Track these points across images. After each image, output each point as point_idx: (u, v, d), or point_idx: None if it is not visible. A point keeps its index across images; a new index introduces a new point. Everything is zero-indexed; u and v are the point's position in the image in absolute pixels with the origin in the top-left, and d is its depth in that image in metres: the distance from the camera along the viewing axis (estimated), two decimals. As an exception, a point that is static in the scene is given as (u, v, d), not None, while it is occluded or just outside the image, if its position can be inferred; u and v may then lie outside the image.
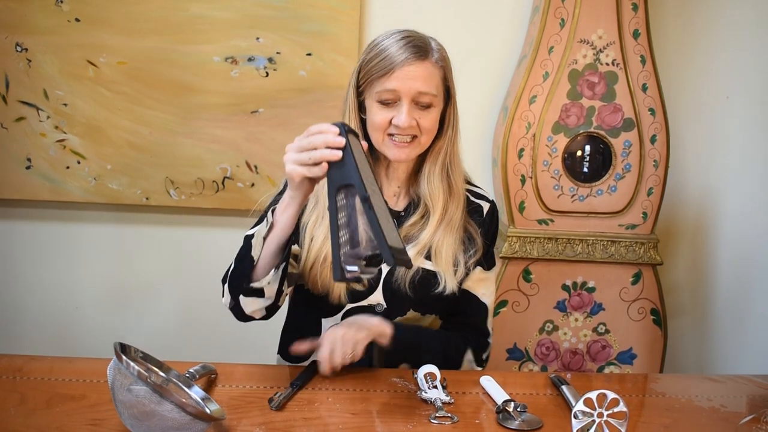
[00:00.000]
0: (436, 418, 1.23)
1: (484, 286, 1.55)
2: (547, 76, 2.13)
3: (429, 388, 1.31)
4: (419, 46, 1.41)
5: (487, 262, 1.55)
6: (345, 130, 1.18)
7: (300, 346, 1.40)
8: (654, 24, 2.18)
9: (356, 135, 1.23)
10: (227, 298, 1.40)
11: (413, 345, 1.45)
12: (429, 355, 1.44)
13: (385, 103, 1.41)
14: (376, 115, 1.42)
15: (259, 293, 1.35)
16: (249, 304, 1.38)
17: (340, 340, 1.35)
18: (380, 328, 1.41)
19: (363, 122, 1.47)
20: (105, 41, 2.23)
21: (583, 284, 2.19)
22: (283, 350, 1.60)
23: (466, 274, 1.50)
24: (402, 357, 1.46)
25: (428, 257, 1.46)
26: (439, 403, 1.26)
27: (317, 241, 1.45)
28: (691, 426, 1.27)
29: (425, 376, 1.34)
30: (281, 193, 1.51)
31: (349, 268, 1.15)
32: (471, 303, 1.53)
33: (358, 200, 1.14)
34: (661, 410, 1.33)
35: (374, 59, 1.42)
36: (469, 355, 1.53)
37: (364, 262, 1.16)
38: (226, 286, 1.40)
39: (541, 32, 2.13)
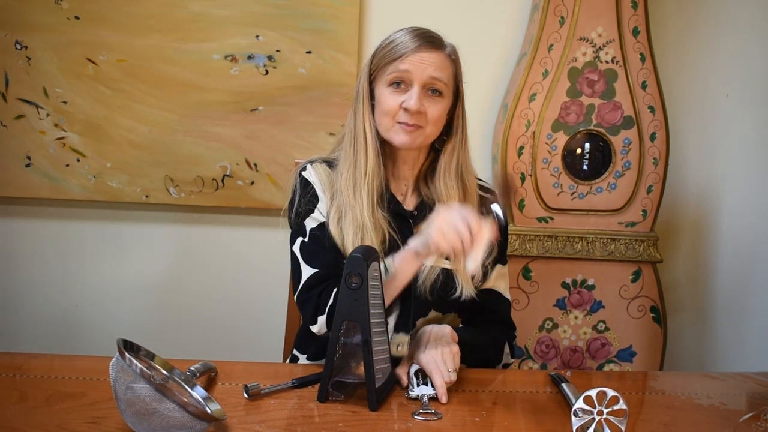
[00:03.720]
0: (419, 414, 1.23)
1: (504, 281, 1.57)
2: (547, 73, 2.13)
3: (419, 385, 1.31)
4: (434, 37, 1.46)
5: (503, 257, 1.57)
6: (365, 258, 1.23)
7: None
8: (654, 22, 2.18)
9: (377, 258, 1.28)
10: (322, 329, 1.42)
11: (473, 344, 1.46)
12: (487, 353, 1.49)
13: (396, 87, 1.43)
14: (387, 99, 1.44)
15: None
16: None
17: (441, 359, 1.34)
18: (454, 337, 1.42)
19: (373, 108, 1.48)
20: (105, 39, 2.22)
21: (583, 282, 2.19)
22: (301, 345, 1.60)
23: (484, 275, 1.51)
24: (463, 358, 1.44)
25: (447, 257, 1.47)
26: (425, 400, 1.27)
27: (348, 239, 1.45)
28: (690, 423, 1.28)
29: (416, 373, 1.34)
30: (303, 198, 1.50)
31: (333, 396, 1.28)
32: (498, 300, 1.56)
33: (359, 337, 1.24)
34: (661, 408, 1.33)
35: (387, 47, 1.45)
36: (506, 349, 1.56)
37: (349, 390, 1.29)
38: (323, 318, 1.41)
39: (541, 30, 2.12)
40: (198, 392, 1.20)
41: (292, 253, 1.50)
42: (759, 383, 1.47)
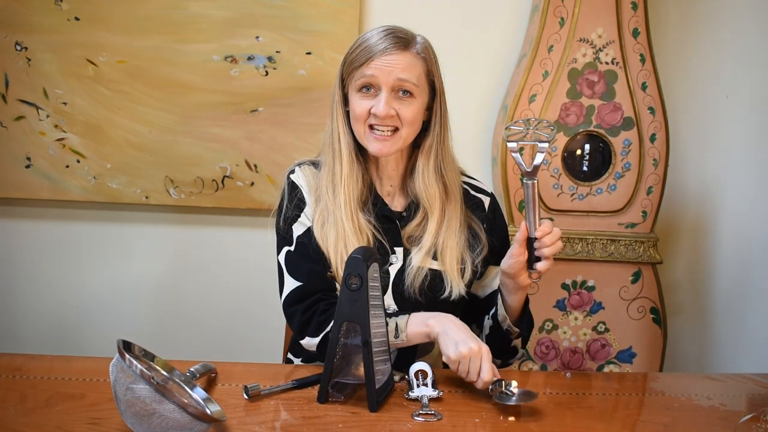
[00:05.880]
0: (419, 415, 1.23)
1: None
2: (547, 74, 2.13)
3: (418, 386, 1.31)
4: (400, 37, 1.43)
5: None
6: (365, 259, 1.23)
7: None
8: (653, 23, 2.18)
9: (377, 259, 1.29)
10: (310, 347, 1.44)
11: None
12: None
13: (365, 92, 1.42)
14: (357, 105, 1.43)
15: None
16: None
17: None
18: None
19: (347, 115, 1.48)
20: (104, 40, 2.22)
21: (583, 283, 2.19)
22: (295, 348, 1.61)
23: (474, 274, 1.50)
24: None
25: (435, 257, 1.47)
26: (425, 401, 1.27)
27: (330, 244, 1.45)
28: (690, 425, 1.28)
29: (416, 374, 1.34)
30: (290, 203, 1.50)
31: (333, 397, 1.28)
32: None
33: (359, 338, 1.24)
34: (661, 409, 1.33)
35: (356, 50, 1.44)
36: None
37: (348, 391, 1.30)
38: (318, 341, 1.42)
39: (541, 31, 2.13)
40: (198, 393, 1.20)
41: (278, 263, 1.51)
42: (759, 384, 1.47)
